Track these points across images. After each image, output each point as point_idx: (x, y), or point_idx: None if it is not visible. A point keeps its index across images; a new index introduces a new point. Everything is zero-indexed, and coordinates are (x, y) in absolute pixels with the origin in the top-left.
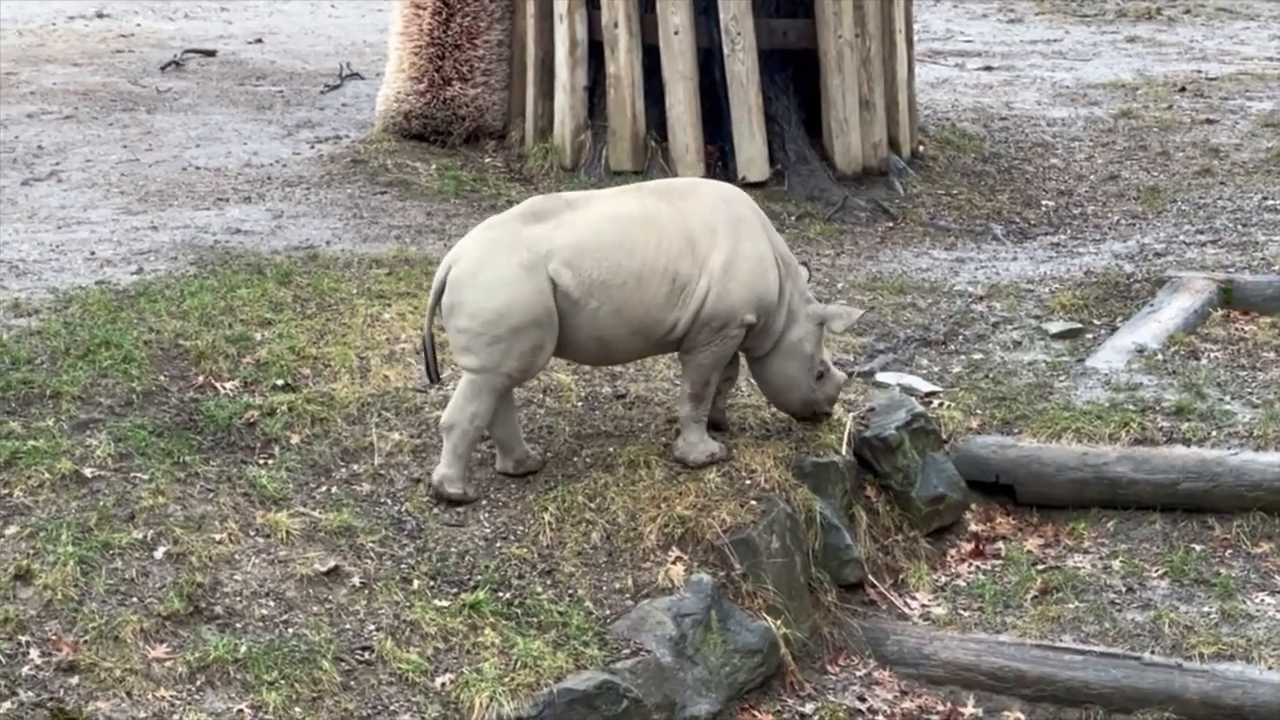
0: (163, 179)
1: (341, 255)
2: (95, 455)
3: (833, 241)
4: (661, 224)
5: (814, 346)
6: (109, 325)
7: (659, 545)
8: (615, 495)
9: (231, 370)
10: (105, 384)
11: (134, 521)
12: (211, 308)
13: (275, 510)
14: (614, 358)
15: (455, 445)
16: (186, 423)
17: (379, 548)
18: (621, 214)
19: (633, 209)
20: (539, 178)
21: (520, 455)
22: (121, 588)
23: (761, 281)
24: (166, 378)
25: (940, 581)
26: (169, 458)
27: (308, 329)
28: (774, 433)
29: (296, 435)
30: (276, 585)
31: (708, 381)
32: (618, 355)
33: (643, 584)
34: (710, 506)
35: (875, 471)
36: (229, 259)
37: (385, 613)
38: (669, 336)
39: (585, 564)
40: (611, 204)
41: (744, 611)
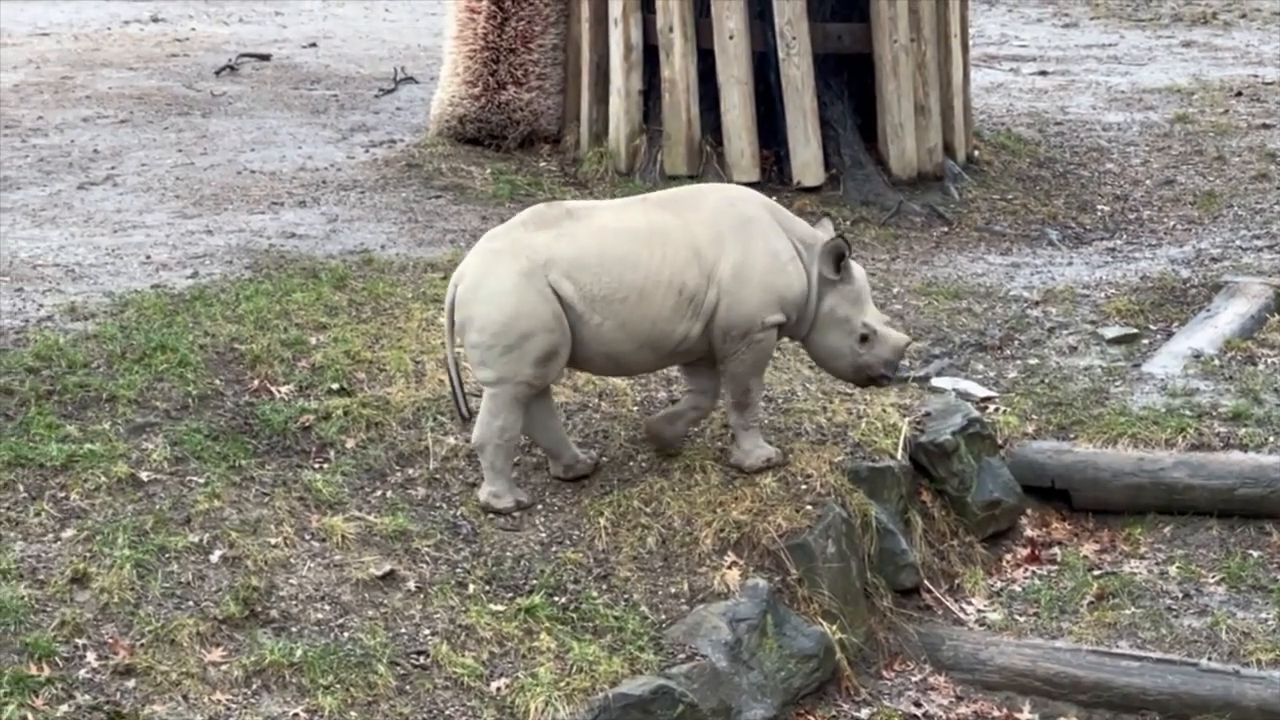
0: (218, 183)
1: (396, 259)
2: (151, 459)
3: (888, 246)
4: (666, 236)
5: (850, 309)
6: (164, 329)
7: (715, 550)
8: (671, 500)
9: (287, 374)
10: (161, 388)
11: (190, 525)
12: (266, 312)
13: (330, 514)
14: (627, 370)
15: (492, 462)
16: (242, 426)
17: (434, 552)
18: (625, 228)
19: (636, 222)
20: (594, 182)
21: (569, 459)
22: (177, 591)
23: (780, 279)
24: (222, 382)
25: (996, 587)
26: (224, 461)
27: (362, 333)
28: (829, 437)
29: (351, 439)
30: (332, 589)
31: (748, 388)
32: (630, 368)
33: (698, 589)
34: (766, 511)
35: (931, 476)
36: (284, 263)
37: (440, 617)
38: (681, 347)
39: (641, 569)
40: (615, 216)
41: (800, 616)
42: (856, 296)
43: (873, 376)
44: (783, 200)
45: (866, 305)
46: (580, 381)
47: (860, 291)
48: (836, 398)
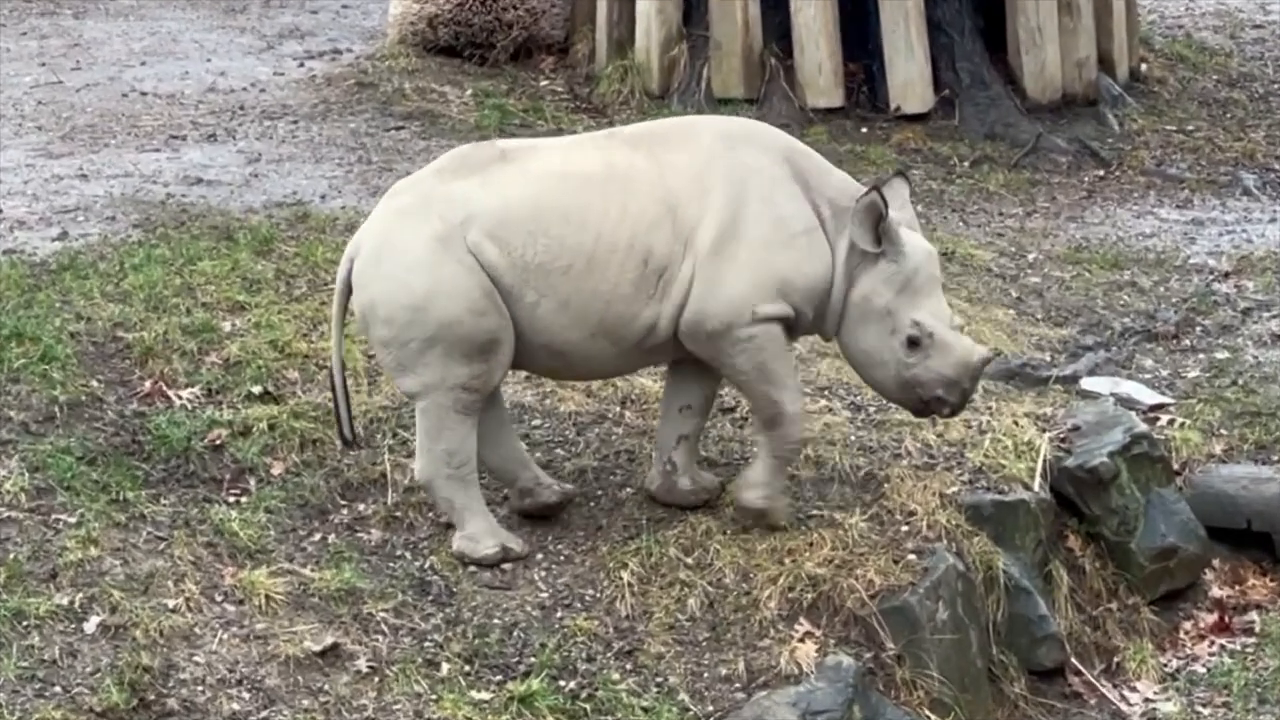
0: (95, 108)
1: (341, 214)
2: (2, 490)
3: (1021, 195)
4: (629, 184)
5: (894, 298)
6: (21, 311)
7: (781, 616)
8: (721, 547)
9: (190, 373)
10: (16, 391)
11: (56, 581)
12: (162, 286)
13: (250, 567)
14: (580, 371)
15: (450, 500)
16: (128, 445)
17: (394, 619)
18: (573, 172)
19: (589, 165)
20: (614, 107)
21: (527, 482)
22: (39, 673)
23: (783, 256)
24: (101, 383)
25: (1171, 666)
26: (104, 493)
27: (295, 316)
28: (940, 459)
29: (279, 463)
30: (252, 670)
31: (774, 400)
32: (583, 368)
33: (759, 669)
34: (852, 562)
35: (1080, 514)
36: (186, 219)
37: (403, 709)
38: (651, 341)
39: (679, 641)
40: (563, 158)
41: (899, 708)
42: (906, 281)
43: (926, 400)
44: (875, 134)
45: (923, 295)
46: (596, 386)
47: (914, 274)
48: None
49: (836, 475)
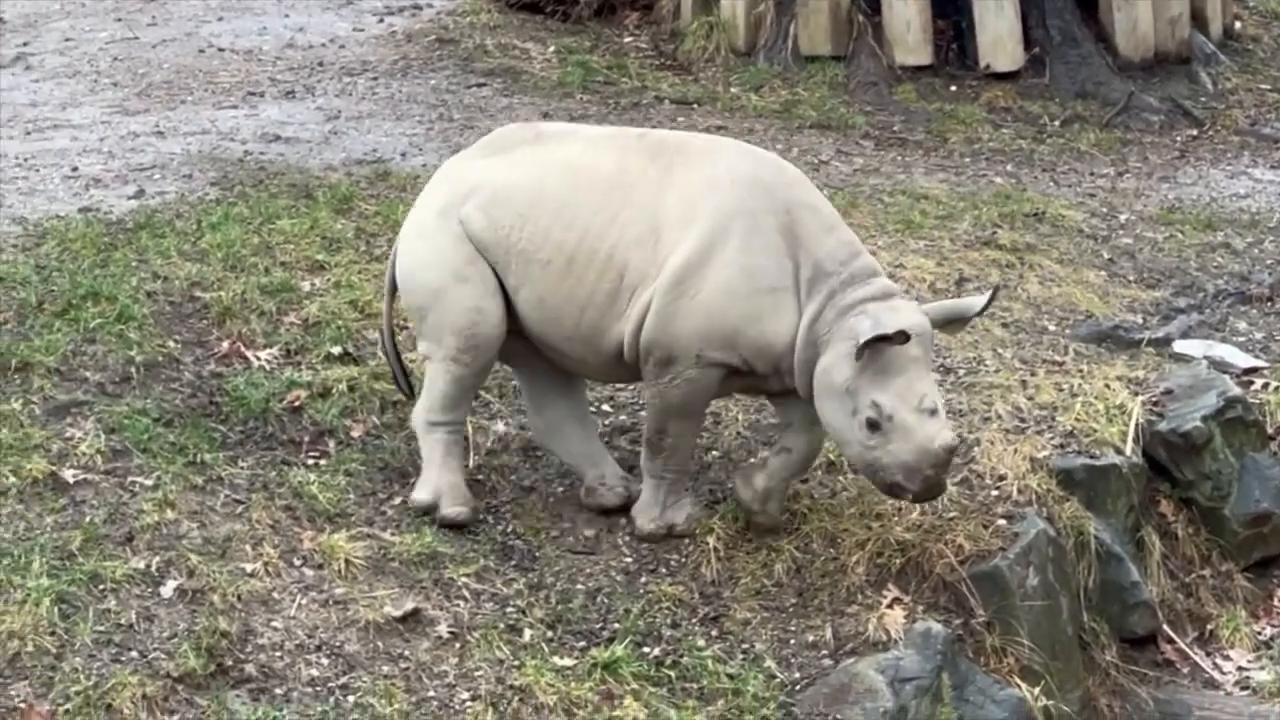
0: (171, 65)
1: (423, 172)
2: (79, 452)
3: (1113, 155)
4: (630, 193)
5: (853, 375)
6: (97, 270)
7: (869, 582)
8: (808, 511)
9: (269, 333)
10: (92, 352)
11: (133, 545)
12: (240, 246)
13: (330, 530)
14: (578, 370)
15: (427, 453)
16: (206, 407)
17: (475, 584)
18: (583, 165)
19: (602, 163)
20: (699, 65)
21: (592, 481)
22: (116, 637)
23: (739, 308)
24: (178, 343)
25: (1265, 634)
26: (181, 455)
27: (376, 276)
28: (1031, 423)
29: (359, 425)
30: (331, 636)
31: (664, 429)
32: (579, 369)
33: (846, 636)
34: (941, 527)
35: (1173, 479)
36: (264, 177)
37: (484, 675)
38: (631, 356)
39: (765, 608)
40: (582, 149)
41: (988, 675)
42: (870, 356)
43: (888, 483)
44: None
45: (890, 375)
46: None
47: (880, 351)
48: (1040, 368)
49: None
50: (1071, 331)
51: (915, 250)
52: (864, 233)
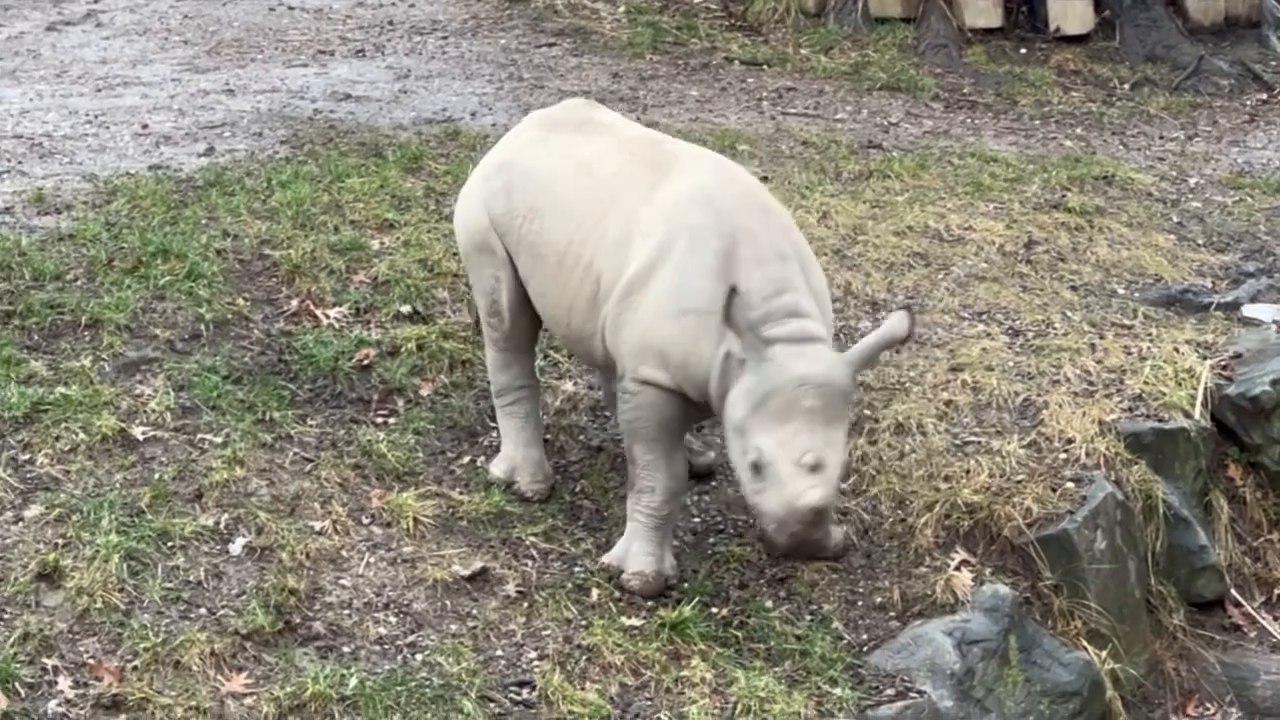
0: (241, 23)
1: (492, 132)
2: (148, 409)
3: (1182, 119)
4: (617, 201)
5: (746, 414)
6: (167, 228)
7: (937, 544)
8: (876, 473)
9: (338, 292)
10: (162, 309)
11: (201, 502)
12: (310, 204)
13: (399, 489)
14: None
15: (502, 425)
16: (275, 364)
17: (544, 543)
18: (595, 166)
19: (608, 166)
20: (769, 25)
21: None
22: (184, 594)
23: (661, 330)
24: (247, 301)
25: None
26: (250, 413)
27: (445, 235)
28: (1099, 386)
29: (429, 384)
30: (400, 594)
31: (634, 458)
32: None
33: (914, 598)
34: (1009, 490)
35: (1241, 443)
36: (334, 136)
37: (551, 634)
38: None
39: (833, 569)
40: (602, 149)
41: (1055, 638)
42: (761, 400)
43: (762, 533)
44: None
45: (776, 421)
46: None
47: (768, 395)
48: (1110, 331)
49: (994, 401)
50: (1140, 295)
51: (984, 213)
52: (933, 194)
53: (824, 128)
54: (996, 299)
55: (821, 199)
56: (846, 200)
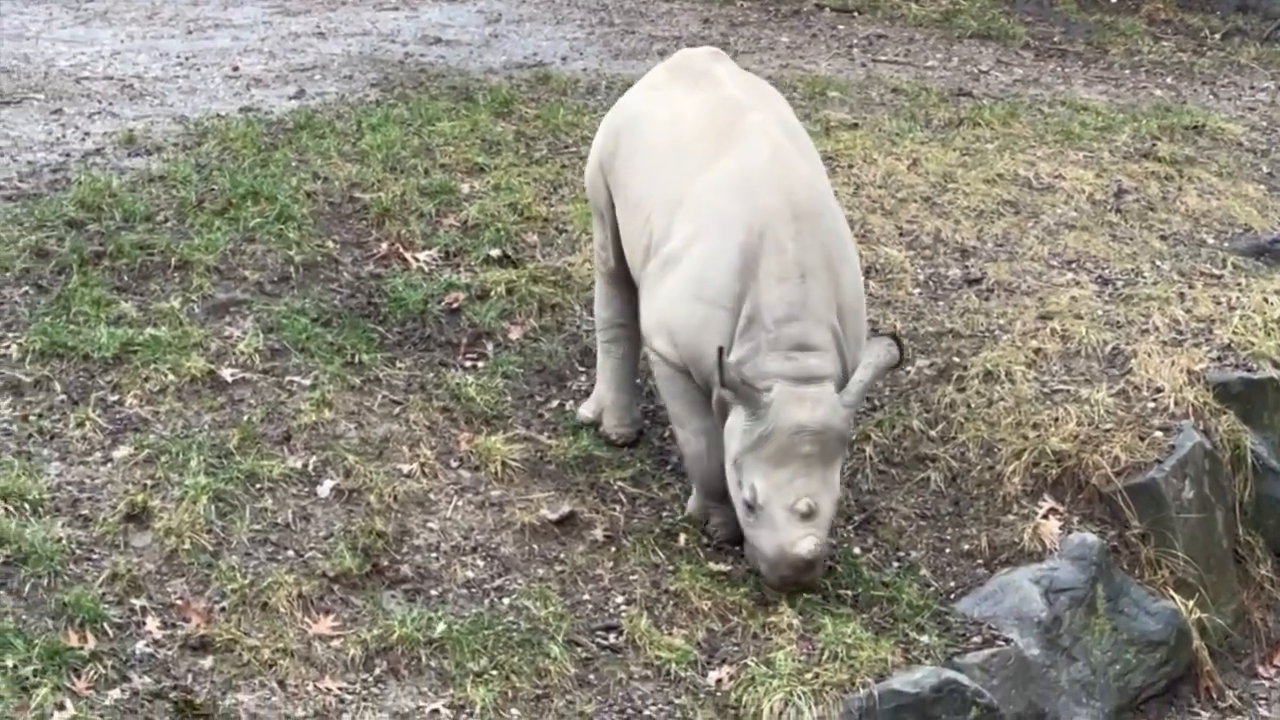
0: None
1: (583, 77)
2: (237, 350)
3: (1273, 69)
4: (685, 162)
5: (741, 450)
6: (257, 170)
7: (1025, 492)
8: (964, 420)
9: (428, 235)
10: (251, 251)
11: (290, 444)
12: (400, 147)
13: (487, 433)
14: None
15: (599, 364)
16: (364, 307)
17: (632, 488)
18: (687, 116)
19: (696, 122)
20: None
21: None
22: (272, 536)
23: (682, 311)
24: (336, 244)
25: None
26: (339, 356)
27: (535, 179)
28: (1188, 335)
29: (518, 328)
30: (487, 538)
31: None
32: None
33: (1001, 545)
34: (1097, 438)
35: None
36: (425, 79)
37: (639, 579)
38: None
39: (920, 516)
40: (698, 103)
41: (1142, 587)
42: (758, 442)
43: (754, 567)
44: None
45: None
46: None
47: (765, 439)
48: (1199, 281)
49: (1083, 350)
50: (1230, 245)
51: (1074, 161)
52: (1023, 143)
53: (914, 75)
54: (1086, 247)
55: (911, 146)
56: (936, 148)
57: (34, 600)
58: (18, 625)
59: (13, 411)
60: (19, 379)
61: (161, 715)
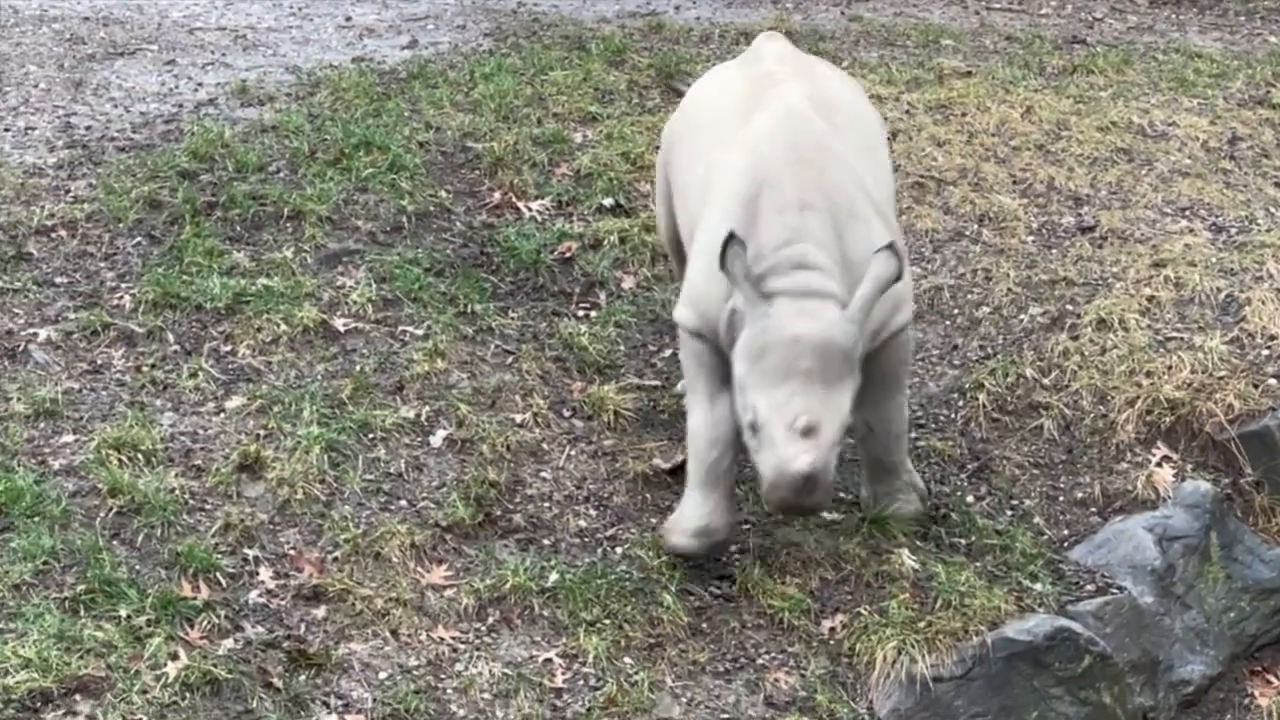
0: None
1: (696, 25)
2: (349, 300)
3: None
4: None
5: (746, 369)
6: (370, 120)
7: (1138, 439)
8: (1077, 368)
9: (540, 184)
10: (364, 201)
11: (402, 394)
12: (513, 96)
13: (599, 382)
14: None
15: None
16: (476, 257)
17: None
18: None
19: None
20: None
21: None
22: (385, 486)
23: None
24: (449, 194)
25: None
26: (451, 306)
27: (648, 128)
28: None
29: (630, 277)
30: (600, 487)
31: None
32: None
33: (1114, 493)
34: (1210, 386)
35: None
36: (538, 28)
37: (752, 528)
38: None
39: (1034, 463)
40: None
41: (1257, 535)
42: (758, 355)
43: (760, 490)
44: None
45: (768, 381)
46: (954, 202)
47: (763, 352)
48: None
49: (1196, 297)
50: None
51: (1188, 109)
52: (1137, 90)
53: (1028, 23)
54: (1199, 195)
55: (1025, 94)
56: (1050, 95)
57: (147, 550)
58: (131, 575)
59: (126, 362)
60: (132, 330)
61: (274, 664)
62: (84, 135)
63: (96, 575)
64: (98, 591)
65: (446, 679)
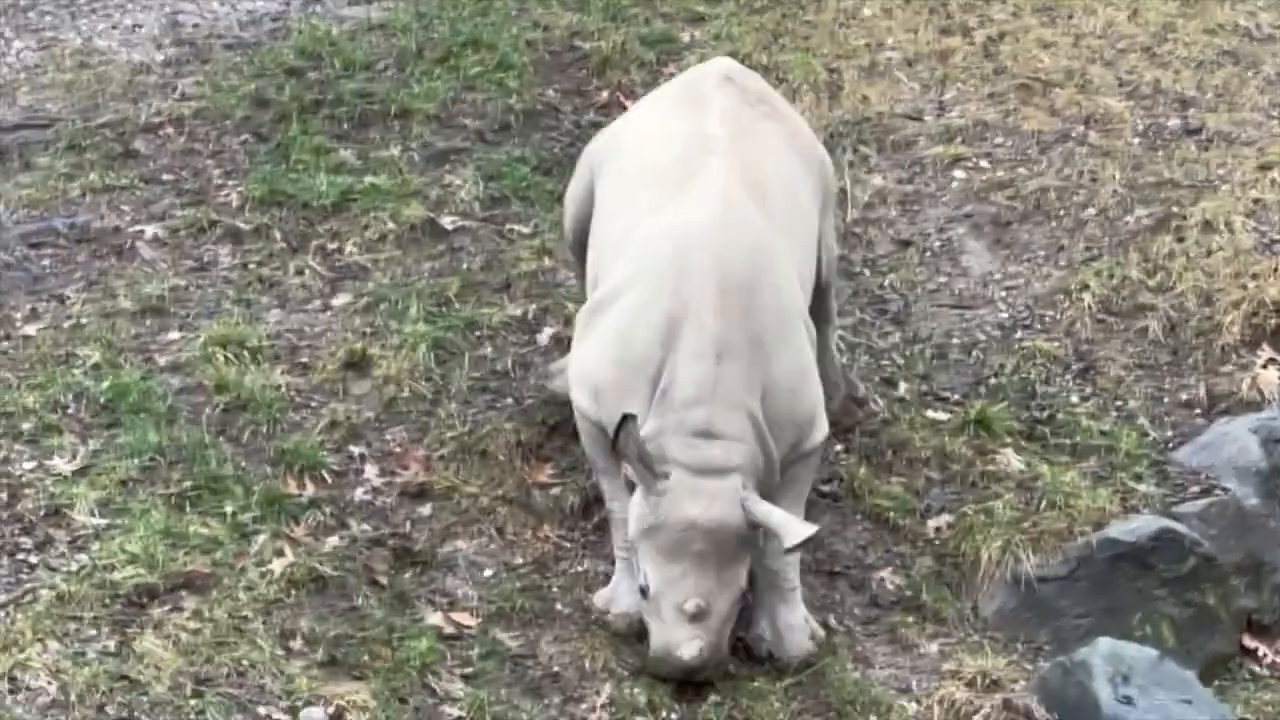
0: None
1: None
2: (457, 199)
3: None
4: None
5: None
6: (478, 18)
7: (1243, 341)
8: (1183, 270)
9: (648, 84)
10: (471, 100)
11: (509, 293)
12: None
13: None
14: None
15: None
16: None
17: (852, 337)
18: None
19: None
20: None
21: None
22: (491, 384)
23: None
24: (556, 92)
25: None
26: (558, 204)
27: (754, 28)
28: None
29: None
30: None
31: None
32: None
33: (1220, 395)
34: None
35: None
36: None
37: (859, 429)
38: None
39: (1139, 365)
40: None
41: None
42: (653, 528)
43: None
44: None
45: (661, 556)
46: (1060, 104)
47: (658, 527)
48: None
49: None
50: None
51: None
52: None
53: None
54: None
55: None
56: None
57: (253, 447)
58: (237, 472)
59: (232, 259)
60: (239, 227)
61: (380, 562)
62: (191, 33)
63: (202, 472)
64: (204, 488)
65: (552, 577)
